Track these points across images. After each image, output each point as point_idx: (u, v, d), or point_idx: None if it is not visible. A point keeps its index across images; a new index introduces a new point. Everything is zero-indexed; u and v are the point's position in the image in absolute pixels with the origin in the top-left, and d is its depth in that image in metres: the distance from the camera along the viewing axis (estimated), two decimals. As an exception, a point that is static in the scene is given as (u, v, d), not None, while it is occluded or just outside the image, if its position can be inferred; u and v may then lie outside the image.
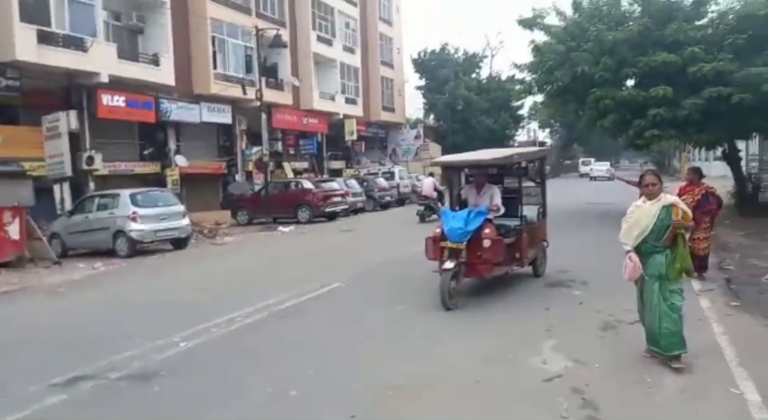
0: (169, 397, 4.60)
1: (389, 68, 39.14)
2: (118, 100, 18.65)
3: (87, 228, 14.18)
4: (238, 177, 24.74)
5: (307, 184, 21.27)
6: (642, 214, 4.62)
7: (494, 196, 7.60)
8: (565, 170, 63.90)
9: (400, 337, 5.83)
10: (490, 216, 7.23)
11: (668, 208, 4.57)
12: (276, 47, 22.34)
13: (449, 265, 6.64)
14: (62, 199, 16.40)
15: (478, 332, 5.96)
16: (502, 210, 7.51)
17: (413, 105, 48.21)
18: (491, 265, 7.02)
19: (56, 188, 16.37)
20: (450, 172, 8.72)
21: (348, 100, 33.00)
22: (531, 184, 8.86)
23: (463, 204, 7.87)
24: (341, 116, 32.11)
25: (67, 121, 15.91)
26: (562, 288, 7.87)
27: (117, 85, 18.31)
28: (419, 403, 4.24)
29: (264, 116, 22.11)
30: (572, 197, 25.03)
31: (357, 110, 34.00)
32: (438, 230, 7.15)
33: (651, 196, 4.64)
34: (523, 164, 8.46)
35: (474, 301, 7.16)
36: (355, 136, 33.26)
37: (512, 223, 7.69)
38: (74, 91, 17.80)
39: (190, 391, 4.71)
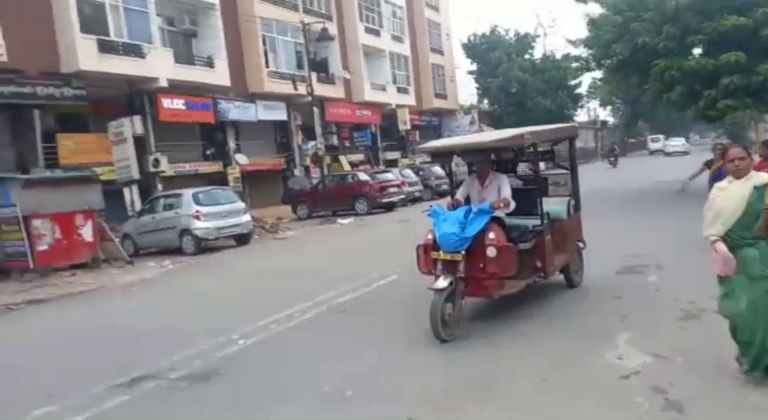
0: (227, 397, 4.50)
1: (439, 55, 38.44)
2: (178, 103, 19.12)
3: (155, 228, 14.59)
4: (296, 172, 24.95)
5: (363, 176, 21.14)
6: (728, 198, 3.71)
7: (502, 188, 5.86)
8: (630, 149, 60.62)
9: (459, 334, 5.46)
10: (501, 214, 5.62)
11: (761, 189, 3.63)
12: (323, 41, 22.26)
13: (442, 283, 5.14)
14: (132, 201, 16.95)
15: (545, 325, 5.53)
16: (513, 205, 5.76)
17: (466, 90, 47.32)
18: (500, 280, 5.40)
19: (126, 191, 16.92)
20: (444, 161, 7.02)
21: (400, 90, 32.64)
22: (561, 170, 7.16)
23: (465, 201, 6.09)
24: (394, 106, 31.81)
25: (131, 126, 16.42)
26: (634, 274, 7.22)
27: (176, 88, 18.75)
28: (480, 404, 3.92)
29: (317, 110, 22.12)
30: (641, 175, 23.79)
31: (409, 99, 33.59)
32: (430, 236, 5.61)
33: (738, 173, 3.72)
34: (543, 146, 6.68)
35: (539, 291, 6.58)
36: (408, 126, 32.89)
37: (530, 222, 6.03)
38: (136, 96, 18.35)
39: (248, 390, 4.59)
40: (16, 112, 15.52)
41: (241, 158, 21.92)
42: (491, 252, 5.24)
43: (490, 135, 6.33)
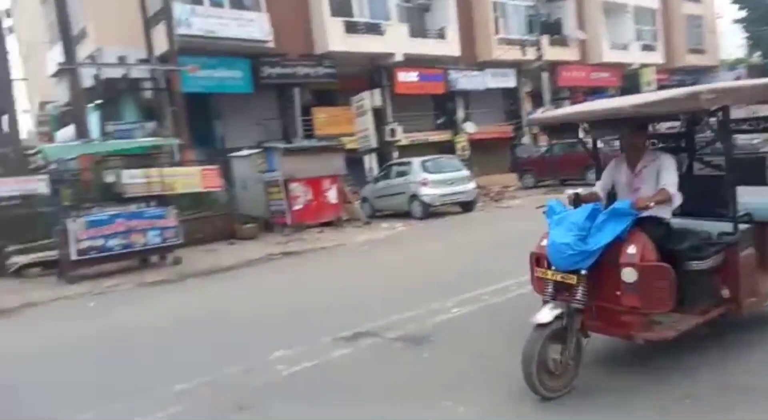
0: (435, 364, 4.46)
1: (695, 3, 32.78)
2: (412, 76, 19.84)
3: (388, 193, 15.48)
4: (524, 140, 24.05)
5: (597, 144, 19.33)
6: None
7: (663, 174, 3.82)
8: None
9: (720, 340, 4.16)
10: (664, 215, 3.83)
11: None
12: (555, 1, 20.71)
13: (545, 315, 3.48)
14: (370, 168, 18.31)
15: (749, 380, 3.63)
16: (677, 200, 3.83)
17: (732, 43, 39.70)
18: (645, 316, 3.55)
19: (365, 158, 18.32)
20: (565, 136, 5.15)
21: (644, 47, 28.87)
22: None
23: (609, 196, 4.21)
24: (636, 66, 28.31)
25: (371, 99, 17.55)
26: None
27: (410, 62, 19.39)
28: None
29: (547, 76, 20.85)
30: None
31: (655, 57, 29.53)
32: (545, 242, 3.87)
33: None
34: (732, 112, 4.17)
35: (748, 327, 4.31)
36: (653, 87, 28.97)
37: (714, 227, 3.97)
38: (375, 72, 19.49)
39: (453, 362, 4.46)
40: (281, 90, 17.78)
41: (469, 127, 21.92)
42: (629, 275, 3.41)
43: (641, 98, 3.98)
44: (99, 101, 14.91)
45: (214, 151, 15.90)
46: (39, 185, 10.78)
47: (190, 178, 11.76)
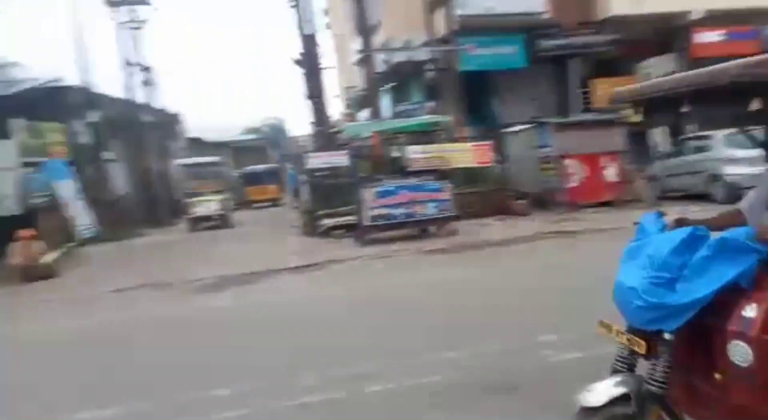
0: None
1: None
2: (715, 36, 16.74)
3: (682, 171, 13.59)
4: None
5: None
6: None
7: None
8: None
9: None
10: None
11: None
12: None
13: (596, 396, 2.11)
14: (656, 143, 16.31)
15: None
16: None
17: None
18: None
19: (651, 133, 16.36)
20: (662, 120, 2.79)
21: None
22: None
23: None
24: None
25: (661, 65, 15.48)
26: None
27: (712, 20, 16.41)
28: None
29: None
30: None
31: None
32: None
33: None
34: None
35: None
36: None
37: None
38: (665, 35, 17.02)
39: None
40: (555, 63, 16.97)
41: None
42: (740, 354, 1.99)
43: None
44: (391, 84, 16.50)
45: (489, 127, 16.15)
46: (342, 159, 12.53)
47: (464, 153, 12.17)
